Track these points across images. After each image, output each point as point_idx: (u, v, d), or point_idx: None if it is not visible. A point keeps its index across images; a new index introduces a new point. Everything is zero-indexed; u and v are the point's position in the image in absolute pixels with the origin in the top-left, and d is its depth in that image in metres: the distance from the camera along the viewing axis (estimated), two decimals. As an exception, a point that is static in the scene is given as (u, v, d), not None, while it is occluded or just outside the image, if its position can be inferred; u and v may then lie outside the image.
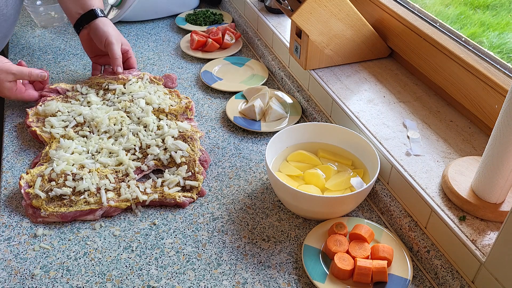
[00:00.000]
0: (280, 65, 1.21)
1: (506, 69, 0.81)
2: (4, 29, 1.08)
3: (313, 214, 0.81)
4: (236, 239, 0.80)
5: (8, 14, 1.06)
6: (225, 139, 1.02)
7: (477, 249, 0.67)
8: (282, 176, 0.86)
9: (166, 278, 0.73)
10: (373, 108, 0.94)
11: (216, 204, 0.87)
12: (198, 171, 0.90)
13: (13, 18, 1.09)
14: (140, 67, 1.26)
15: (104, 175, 0.87)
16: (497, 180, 0.67)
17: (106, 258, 0.77)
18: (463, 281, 0.69)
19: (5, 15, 1.05)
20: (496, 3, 1.29)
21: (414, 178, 0.78)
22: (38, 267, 0.75)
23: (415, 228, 0.77)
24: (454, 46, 0.89)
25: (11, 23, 1.09)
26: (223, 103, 1.13)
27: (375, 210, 0.86)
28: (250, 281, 0.73)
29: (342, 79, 1.03)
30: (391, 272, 0.73)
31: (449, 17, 1.28)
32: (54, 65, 1.25)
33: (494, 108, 0.81)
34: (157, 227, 0.82)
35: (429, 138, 0.86)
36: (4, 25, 1.06)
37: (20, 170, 0.93)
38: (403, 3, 1.04)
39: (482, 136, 0.86)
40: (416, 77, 1.03)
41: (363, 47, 1.05)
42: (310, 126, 0.92)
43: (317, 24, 0.95)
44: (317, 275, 0.72)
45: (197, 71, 1.26)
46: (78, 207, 0.82)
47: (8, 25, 1.09)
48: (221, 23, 1.46)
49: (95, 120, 0.97)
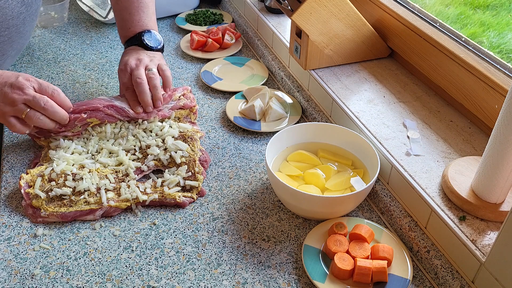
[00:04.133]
0: (280, 65, 1.21)
1: (506, 69, 0.81)
2: (19, 45, 1.06)
3: (313, 214, 0.81)
4: (236, 239, 0.80)
5: (24, 31, 1.03)
6: (225, 139, 1.02)
7: (477, 249, 0.67)
8: (282, 176, 0.86)
9: (166, 278, 0.73)
10: (373, 108, 0.94)
11: (216, 204, 0.87)
12: (198, 171, 0.90)
13: (28, 34, 1.07)
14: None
15: (104, 175, 0.87)
16: (497, 180, 0.67)
17: (106, 258, 0.77)
18: (463, 281, 0.69)
19: (21, 33, 1.02)
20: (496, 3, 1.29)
21: (414, 178, 0.78)
22: (38, 267, 0.75)
23: (415, 228, 0.77)
24: (454, 46, 0.89)
25: (25, 38, 1.07)
26: (223, 103, 1.13)
27: (375, 210, 0.86)
28: (250, 281, 0.73)
29: (342, 79, 1.03)
30: (391, 272, 0.73)
31: (449, 17, 1.28)
32: (54, 65, 1.25)
33: (494, 108, 0.81)
34: (157, 227, 0.82)
35: (429, 138, 0.86)
36: (19, 41, 1.04)
37: (20, 170, 0.93)
38: (403, 3, 1.04)
39: (482, 136, 0.86)
40: (416, 77, 1.03)
41: (363, 47, 1.05)
42: (310, 126, 0.92)
43: (317, 24, 0.95)
44: (317, 275, 0.72)
45: (197, 71, 1.26)
46: (78, 207, 0.82)
47: (23, 41, 1.06)
48: (221, 23, 1.46)
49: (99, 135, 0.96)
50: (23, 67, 1.23)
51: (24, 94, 0.86)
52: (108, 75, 1.22)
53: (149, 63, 1.00)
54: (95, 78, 1.20)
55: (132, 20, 1.06)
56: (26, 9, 0.99)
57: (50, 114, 0.88)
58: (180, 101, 1.02)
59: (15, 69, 1.23)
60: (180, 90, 1.04)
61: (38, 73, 1.21)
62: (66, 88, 1.16)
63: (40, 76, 1.20)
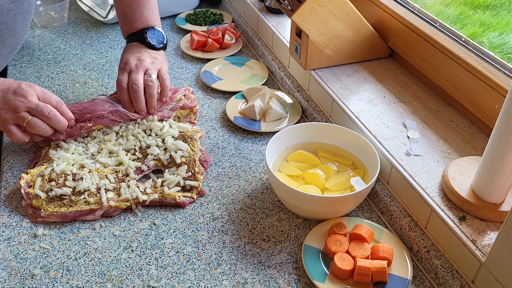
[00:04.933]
0: (280, 65, 1.21)
1: (506, 69, 0.81)
2: (12, 43, 1.04)
3: (313, 214, 0.81)
4: (236, 239, 0.80)
5: (16, 29, 1.01)
6: (225, 139, 1.02)
7: (477, 249, 0.67)
8: (282, 176, 0.86)
9: (166, 278, 0.73)
10: (373, 108, 0.94)
11: (216, 204, 0.87)
12: (198, 171, 0.90)
13: (21, 32, 1.05)
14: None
15: (104, 175, 0.87)
16: (497, 180, 0.67)
17: (106, 258, 0.77)
18: (463, 281, 0.69)
19: (13, 30, 1.01)
20: (496, 3, 1.28)
21: (414, 178, 0.78)
22: (38, 267, 0.75)
23: (415, 228, 0.77)
24: (454, 46, 0.89)
25: (19, 37, 1.05)
26: (223, 103, 1.13)
27: (375, 210, 0.86)
28: (250, 281, 0.73)
29: (342, 79, 1.03)
30: (391, 272, 0.73)
31: (449, 17, 1.28)
32: (54, 65, 1.25)
33: (494, 108, 0.81)
34: (157, 227, 0.82)
35: (429, 138, 0.86)
36: (11, 39, 1.03)
37: (20, 170, 0.93)
38: (403, 3, 1.04)
39: (482, 136, 0.86)
40: (416, 77, 1.03)
41: (363, 47, 1.05)
42: (310, 126, 0.92)
43: (317, 24, 0.95)
44: (317, 275, 0.72)
45: (197, 71, 1.26)
46: (78, 207, 0.82)
47: (16, 39, 1.05)
48: (221, 23, 1.46)
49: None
50: (23, 67, 1.23)
51: (27, 102, 0.84)
52: (108, 75, 1.22)
53: (150, 66, 0.99)
54: (95, 78, 1.20)
55: (134, 15, 1.05)
56: (16, 5, 0.98)
57: (52, 123, 0.88)
58: (180, 102, 1.02)
59: (15, 69, 1.23)
60: (181, 91, 1.04)
61: (38, 73, 1.21)
62: (66, 88, 1.16)
63: (40, 76, 1.20)
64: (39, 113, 0.86)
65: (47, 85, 1.17)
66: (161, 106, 0.99)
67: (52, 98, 0.89)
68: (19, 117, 0.85)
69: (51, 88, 1.16)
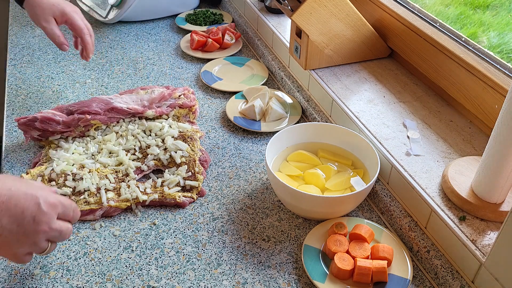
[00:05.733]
0: (280, 65, 1.21)
1: (506, 69, 0.81)
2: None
3: (313, 214, 0.81)
4: (236, 239, 0.80)
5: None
6: (225, 139, 1.02)
7: (477, 249, 0.67)
8: (282, 176, 0.86)
9: (166, 278, 0.73)
10: (373, 108, 0.94)
11: (216, 204, 0.87)
12: (198, 171, 0.90)
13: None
14: (140, 67, 1.26)
15: (104, 175, 0.87)
16: (497, 180, 0.67)
17: (106, 258, 0.77)
18: (463, 281, 0.69)
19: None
20: (496, 3, 1.28)
21: (414, 178, 0.78)
22: (38, 267, 0.75)
23: (415, 228, 0.77)
24: (454, 46, 0.89)
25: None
26: (223, 103, 1.13)
27: (375, 210, 0.86)
28: (250, 281, 0.73)
29: (342, 79, 1.03)
30: (391, 272, 0.73)
31: (449, 17, 1.28)
32: (54, 65, 1.25)
33: (494, 108, 0.81)
34: (157, 227, 0.82)
35: (429, 138, 0.86)
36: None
37: (20, 170, 0.93)
38: (403, 3, 1.04)
39: (482, 136, 0.86)
40: (416, 77, 1.03)
41: (363, 47, 1.05)
42: (310, 126, 0.92)
43: (317, 24, 0.95)
44: (317, 275, 0.72)
45: (197, 71, 1.26)
46: (78, 207, 0.82)
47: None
48: (221, 23, 1.46)
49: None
50: (23, 67, 1.23)
51: (50, 231, 0.65)
52: (108, 75, 1.22)
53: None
54: (95, 78, 1.20)
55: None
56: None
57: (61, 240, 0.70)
58: (179, 100, 1.02)
59: (15, 69, 1.22)
60: (180, 89, 1.05)
61: (38, 73, 1.21)
62: (66, 88, 1.16)
63: (40, 76, 1.20)
64: (59, 240, 0.69)
65: (47, 85, 1.17)
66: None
67: (70, 210, 0.70)
68: (36, 249, 0.66)
69: (51, 88, 1.16)
